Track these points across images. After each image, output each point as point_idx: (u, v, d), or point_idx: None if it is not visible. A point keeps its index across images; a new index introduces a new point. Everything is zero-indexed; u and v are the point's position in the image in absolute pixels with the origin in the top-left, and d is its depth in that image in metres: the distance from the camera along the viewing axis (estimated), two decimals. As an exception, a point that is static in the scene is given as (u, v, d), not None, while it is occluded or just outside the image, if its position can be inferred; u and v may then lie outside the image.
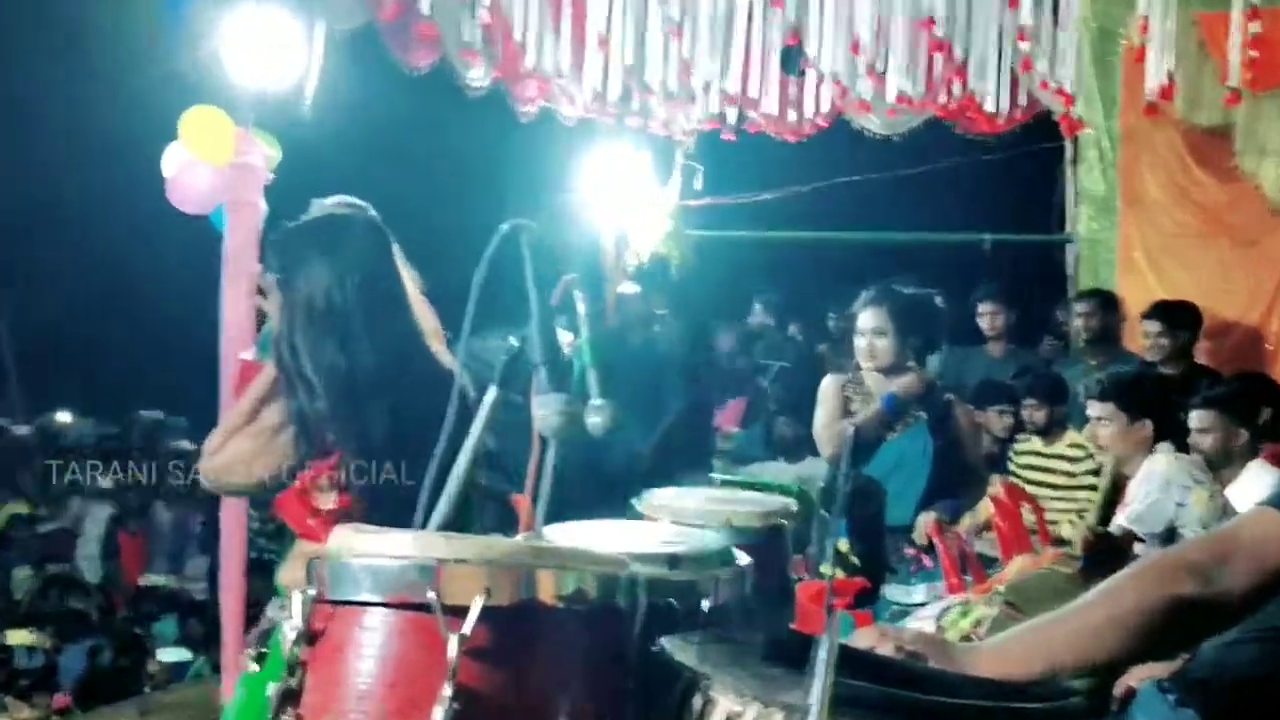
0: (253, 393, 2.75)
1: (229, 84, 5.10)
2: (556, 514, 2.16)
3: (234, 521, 4.98)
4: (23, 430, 11.01)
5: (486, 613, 1.53)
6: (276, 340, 2.75)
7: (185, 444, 10.42)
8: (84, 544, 9.18)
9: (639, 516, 2.77)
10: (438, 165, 7.28)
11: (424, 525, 1.89)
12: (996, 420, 6.44)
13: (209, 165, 5.00)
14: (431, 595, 1.52)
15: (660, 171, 8.54)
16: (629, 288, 7.85)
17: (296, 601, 1.61)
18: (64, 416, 11.58)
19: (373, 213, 2.89)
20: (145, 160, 5.04)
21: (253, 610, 4.73)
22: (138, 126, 5.19)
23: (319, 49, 6.11)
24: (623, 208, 8.31)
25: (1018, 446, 6.29)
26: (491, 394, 1.92)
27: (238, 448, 2.71)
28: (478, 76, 6.98)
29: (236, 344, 4.88)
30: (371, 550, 1.60)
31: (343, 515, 2.43)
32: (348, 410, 2.23)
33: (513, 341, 1.93)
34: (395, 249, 2.82)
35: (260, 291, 2.92)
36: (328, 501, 2.37)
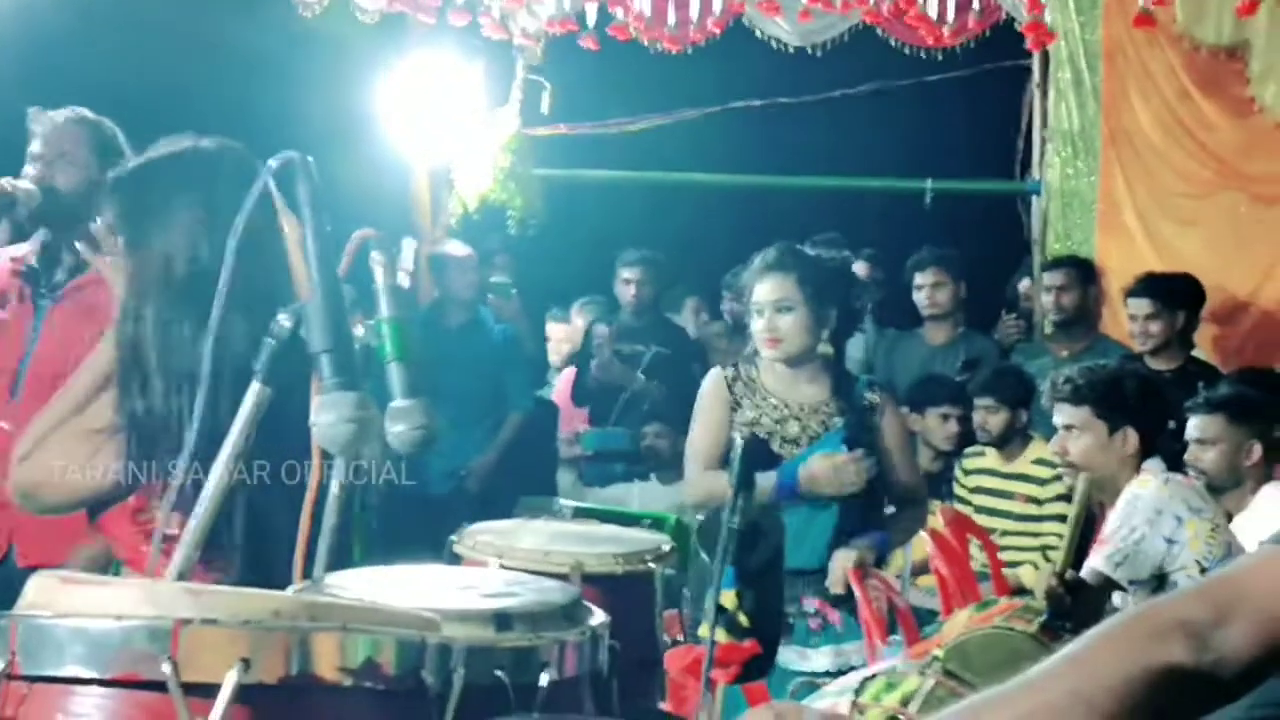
0: (80, 383, 2.76)
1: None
2: (343, 557, 2.17)
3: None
4: None
5: (244, 693, 1.53)
6: (120, 311, 2.73)
7: None
8: None
9: (458, 560, 2.79)
10: (186, 73, 7.15)
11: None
12: (938, 427, 6.57)
13: None
14: (167, 669, 1.52)
15: (495, 90, 8.53)
16: (453, 248, 7.81)
17: (-22, 677, 1.59)
18: None
19: (237, 144, 2.86)
20: None
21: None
22: None
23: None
24: (443, 138, 8.27)
25: (966, 463, 6.43)
26: (254, 392, 1.92)
27: (57, 453, 2.70)
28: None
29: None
30: (84, 606, 1.59)
31: None
32: (205, 410, 2.19)
33: (283, 322, 1.92)
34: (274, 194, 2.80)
35: (93, 246, 2.89)
36: (170, 525, 2.35)
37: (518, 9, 8.02)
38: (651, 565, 2.82)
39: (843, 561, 4.28)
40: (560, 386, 8.32)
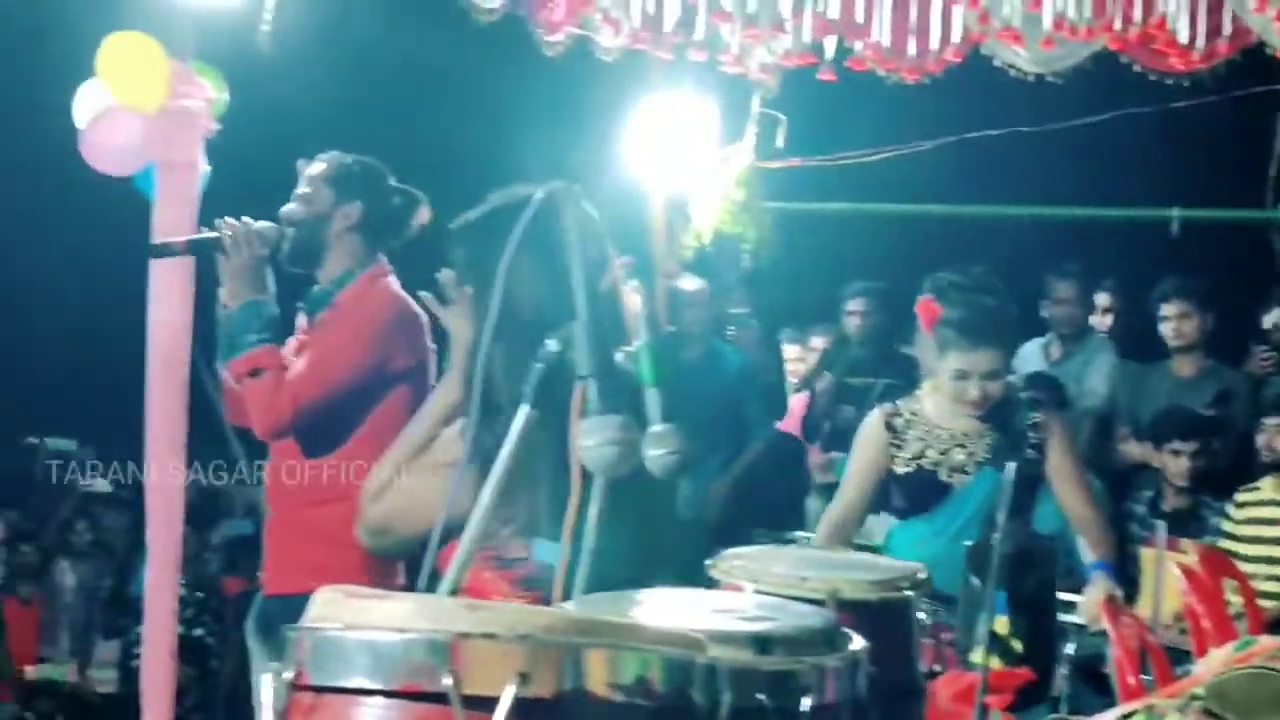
0: (424, 421, 2.84)
1: (162, 4, 5.17)
2: (602, 577, 2.19)
3: (161, 587, 5.04)
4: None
5: (520, 706, 1.56)
6: (466, 352, 2.79)
7: (100, 483, 10.57)
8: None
9: (714, 584, 2.80)
10: (435, 114, 7.35)
11: (431, 587, 1.93)
12: (1171, 462, 6.44)
13: (135, 112, 5.08)
14: (447, 681, 1.56)
15: (730, 124, 8.56)
16: (687, 283, 7.88)
17: (266, 687, 1.65)
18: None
19: (568, 185, 2.94)
20: (55, 105, 5.13)
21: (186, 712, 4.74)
22: (45, 60, 5.30)
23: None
24: (679, 173, 8.34)
25: (1240, 497, 6.28)
26: (523, 414, 1.96)
27: (412, 488, 2.77)
28: (490, -7, 7.04)
29: (168, 350, 4.95)
30: (368, 620, 1.64)
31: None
32: (476, 433, 2.24)
33: (550, 346, 1.96)
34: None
35: (439, 298, 2.96)
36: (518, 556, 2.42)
37: (756, 45, 8.03)
38: (908, 592, 2.80)
39: (1095, 596, 4.21)
40: (793, 408, 8.31)
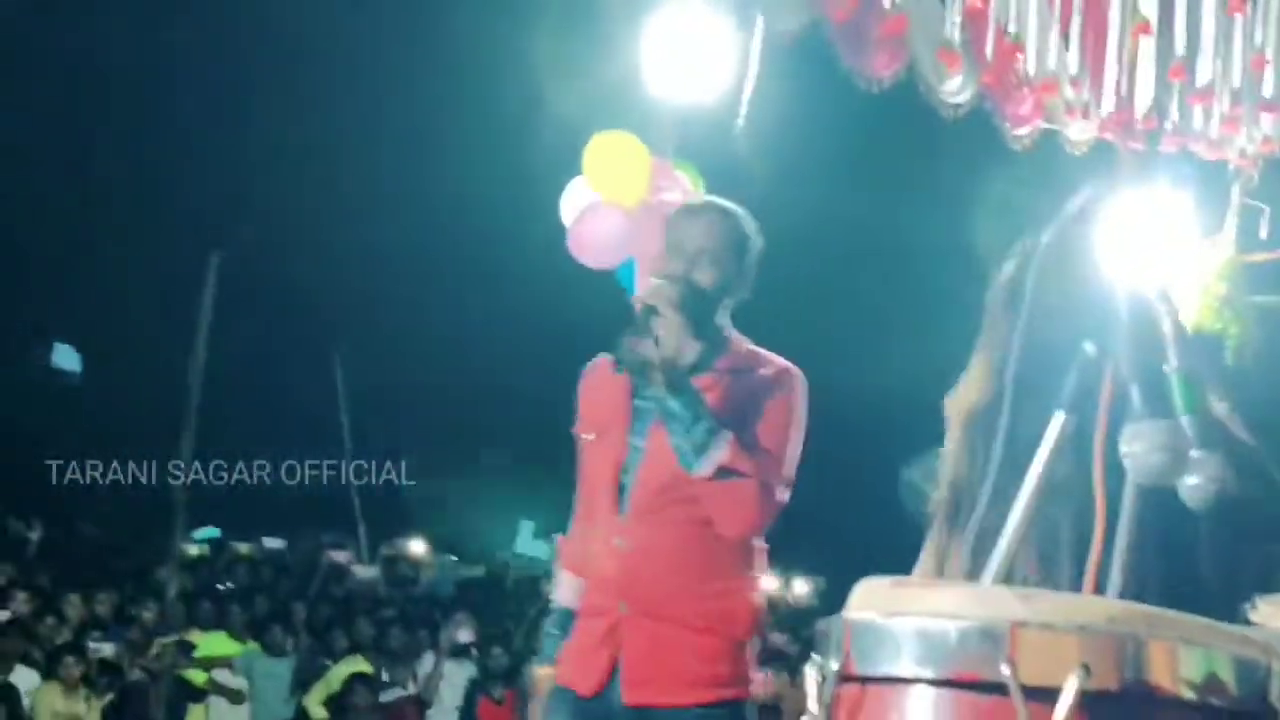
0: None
1: (644, 103, 5.33)
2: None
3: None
4: (367, 572, 11.90)
5: (1082, 698, 1.48)
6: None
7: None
8: (438, 716, 9.70)
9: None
10: (903, 206, 7.35)
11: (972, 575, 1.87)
12: None
13: (618, 207, 5.23)
14: (1006, 670, 1.49)
15: (1208, 213, 8.23)
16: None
17: (810, 679, 1.63)
18: (418, 550, 12.43)
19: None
20: (543, 203, 5.36)
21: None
22: (535, 160, 5.57)
23: (755, 57, 6.31)
24: (1154, 264, 8.06)
25: None
26: (1059, 421, 1.88)
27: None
28: (957, 88, 6.99)
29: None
30: (918, 607, 1.59)
31: None
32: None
33: (1088, 348, 1.89)
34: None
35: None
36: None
37: (1234, 135, 7.72)
38: None
39: None
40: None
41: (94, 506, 16.00)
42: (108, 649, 9.36)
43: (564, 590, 3.71)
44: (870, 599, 1.65)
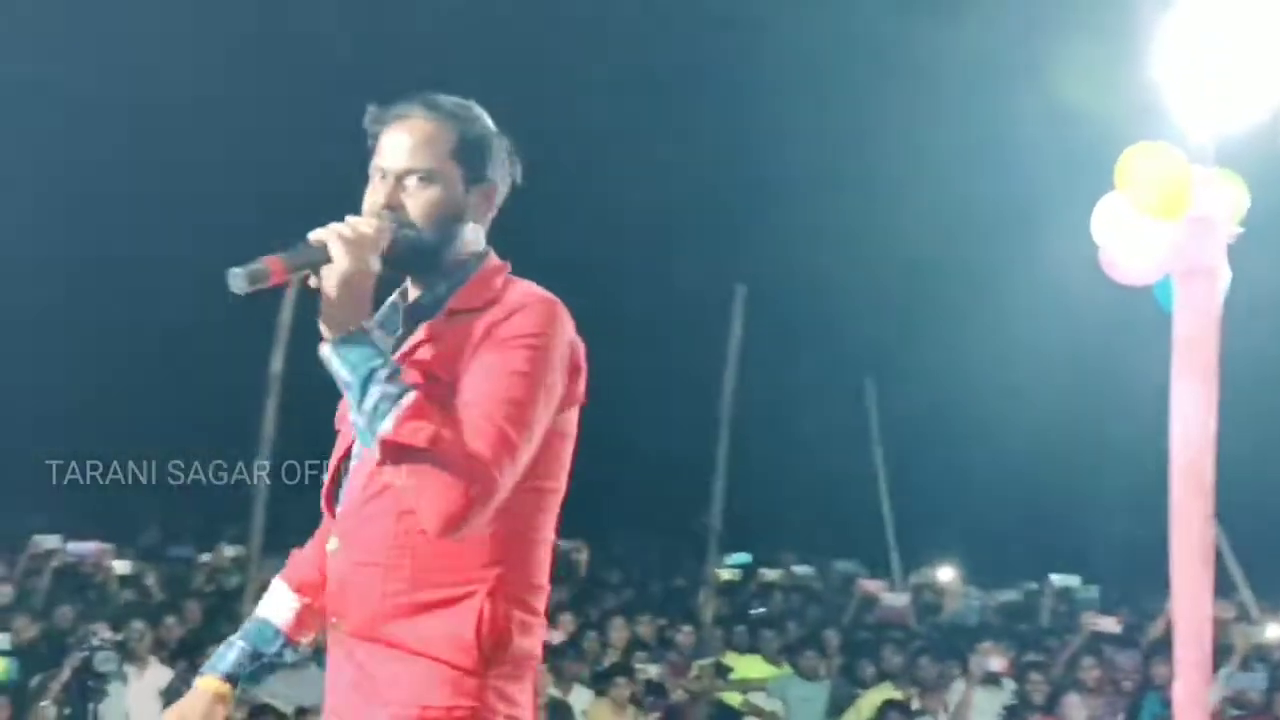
0: None
1: (1180, 112, 5.11)
2: None
3: None
4: (898, 600, 11.89)
5: None
6: None
7: (1106, 622, 10.50)
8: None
9: None
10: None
11: None
12: None
13: (1157, 222, 5.03)
14: None
15: None
16: None
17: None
18: (946, 578, 12.38)
19: None
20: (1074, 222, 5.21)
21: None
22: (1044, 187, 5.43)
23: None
24: None
25: None
26: None
27: None
28: None
29: (1198, 467, 4.77)
30: None
31: None
32: None
33: None
34: None
35: None
36: None
37: None
38: None
39: None
40: None
41: (625, 531, 16.68)
42: (653, 670, 9.67)
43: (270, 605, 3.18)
44: None
